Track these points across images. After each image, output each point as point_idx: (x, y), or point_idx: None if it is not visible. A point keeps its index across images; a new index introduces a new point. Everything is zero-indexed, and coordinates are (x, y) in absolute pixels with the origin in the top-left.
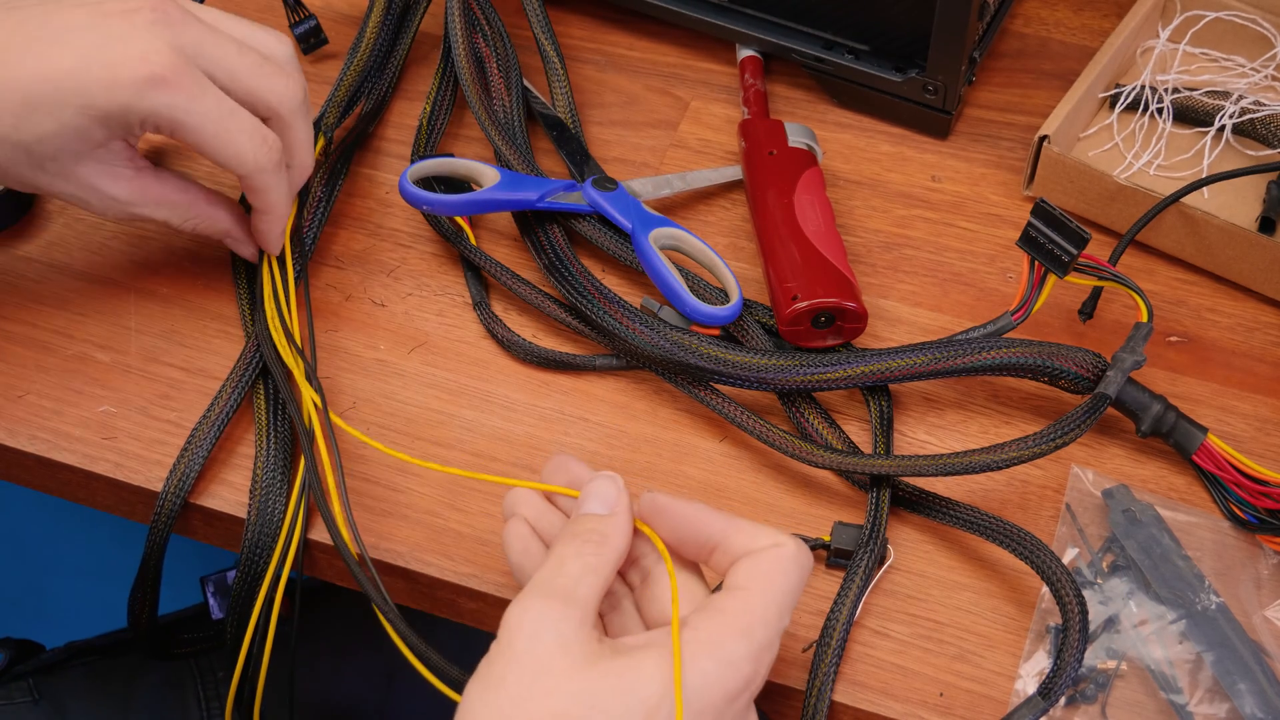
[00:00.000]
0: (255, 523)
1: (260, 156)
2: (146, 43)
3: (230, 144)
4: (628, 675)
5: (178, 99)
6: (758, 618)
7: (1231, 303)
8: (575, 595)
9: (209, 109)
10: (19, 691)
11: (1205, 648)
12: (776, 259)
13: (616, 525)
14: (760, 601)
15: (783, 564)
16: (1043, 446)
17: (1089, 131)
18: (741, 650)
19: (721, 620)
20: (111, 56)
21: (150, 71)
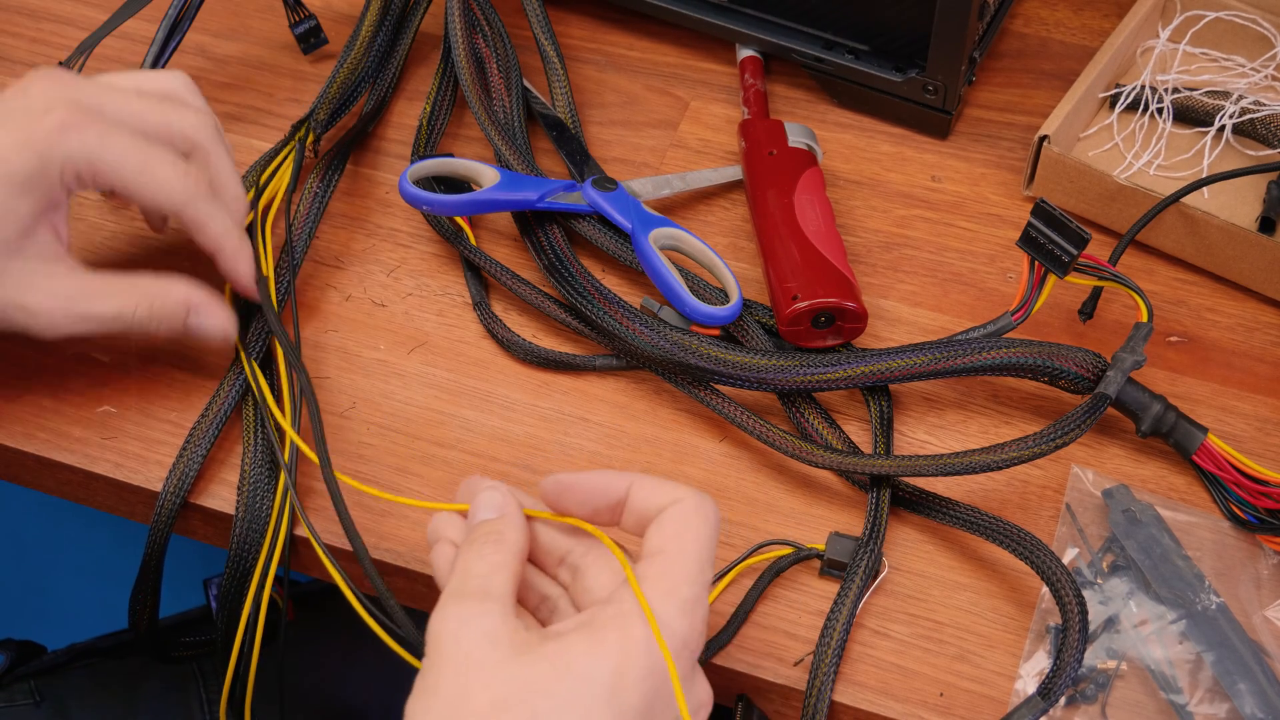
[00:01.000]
0: (243, 520)
1: (188, 184)
2: (46, 102)
3: (154, 176)
4: (561, 656)
5: (88, 138)
6: (679, 577)
7: (1231, 303)
8: (489, 590)
9: (124, 144)
10: (21, 693)
11: (1205, 648)
12: (776, 259)
13: (508, 522)
14: (678, 561)
15: (686, 519)
16: (1043, 446)
17: (1089, 131)
18: (670, 611)
19: (645, 588)
20: (15, 122)
21: (57, 119)
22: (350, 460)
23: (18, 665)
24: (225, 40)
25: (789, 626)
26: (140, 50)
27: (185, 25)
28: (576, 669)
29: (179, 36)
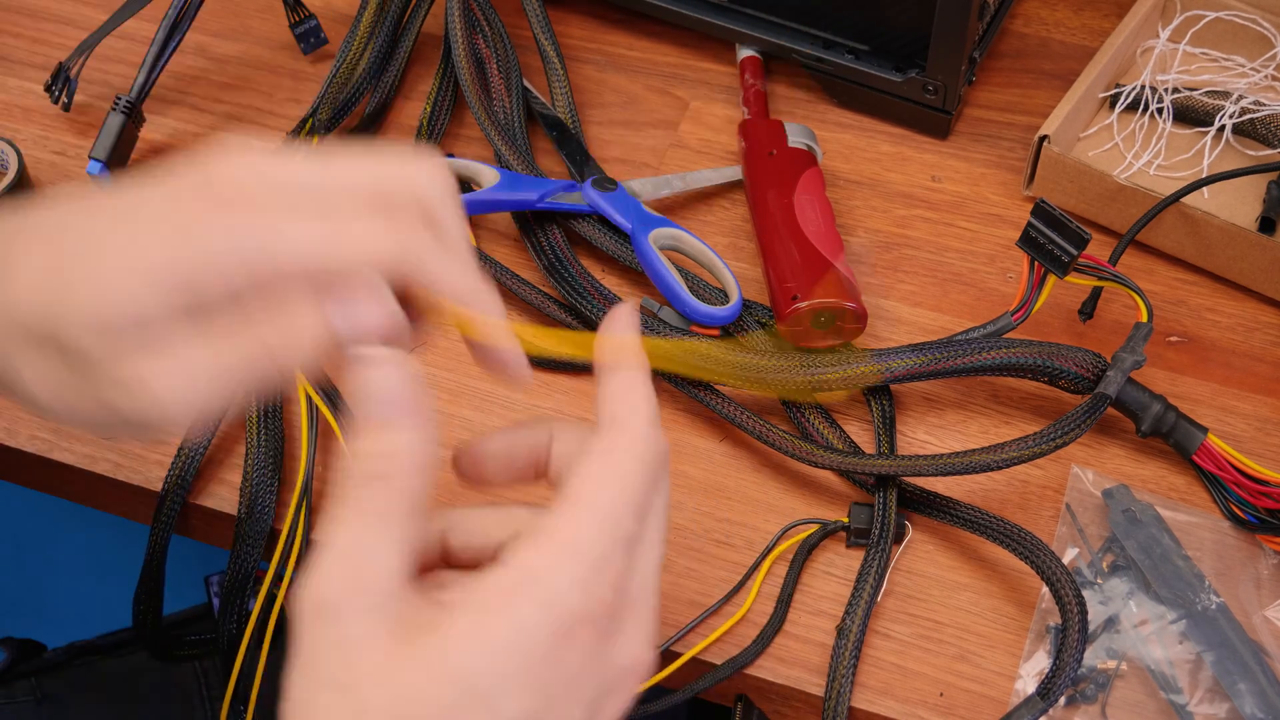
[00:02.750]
0: (245, 519)
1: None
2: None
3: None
4: (437, 652)
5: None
6: (585, 529)
7: (1231, 303)
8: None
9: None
10: (21, 691)
11: (1205, 648)
12: (776, 259)
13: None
14: (588, 508)
15: (609, 458)
16: (1043, 446)
17: (1089, 131)
18: (567, 576)
19: (540, 543)
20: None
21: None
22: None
23: (18, 663)
24: (225, 40)
25: (788, 627)
26: (140, 50)
27: (185, 25)
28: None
29: (179, 36)
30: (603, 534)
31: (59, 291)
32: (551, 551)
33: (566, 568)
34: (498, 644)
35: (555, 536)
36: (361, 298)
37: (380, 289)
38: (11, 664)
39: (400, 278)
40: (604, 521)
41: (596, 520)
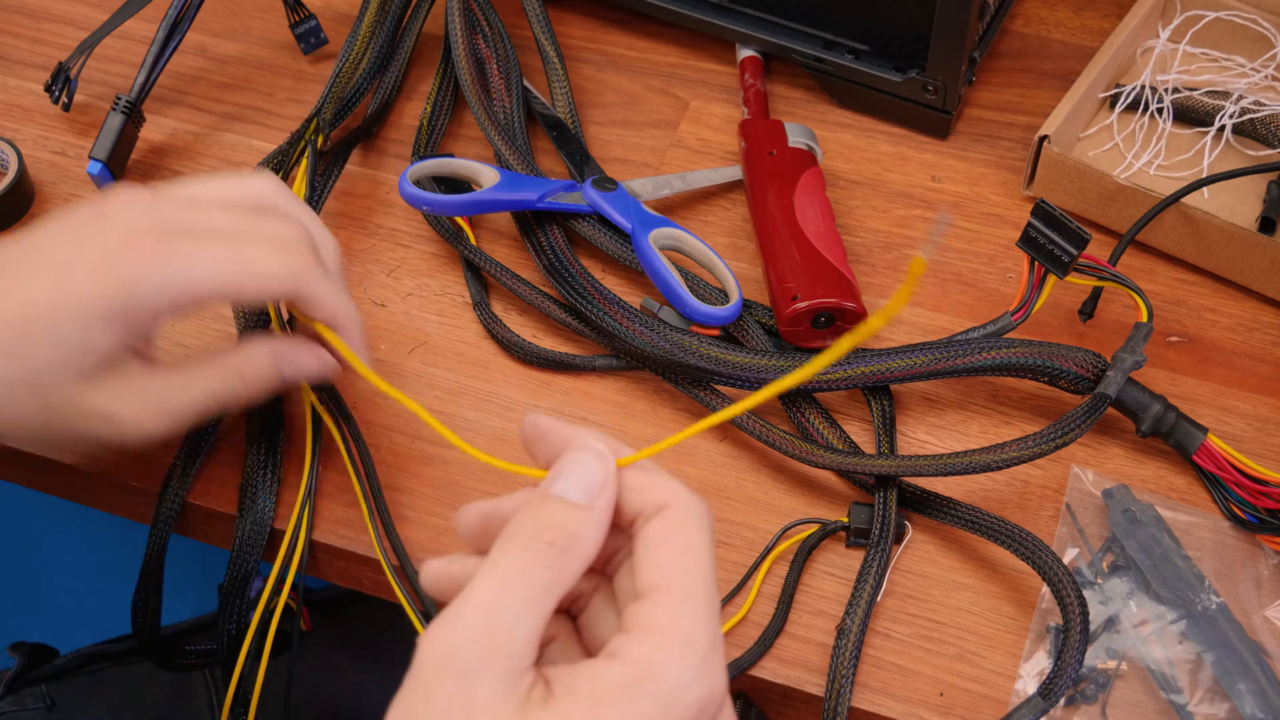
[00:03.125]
0: (245, 521)
1: (292, 261)
2: (126, 230)
3: (254, 268)
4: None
5: (177, 264)
6: (692, 621)
7: (1231, 303)
8: (515, 638)
9: (215, 252)
10: (32, 697)
11: (1205, 648)
12: (776, 259)
13: (590, 525)
14: (687, 600)
15: (684, 538)
16: (1043, 446)
17: (1089, 131)
18: (688, 669)
19: (654, 639)
20: (95, 255)
21: (143, 252)
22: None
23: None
24: (225, 40)
25: (788, 627)
26: (140, 50)
27: (185, 25)
28: None
29: (179, 36)
30: (707, 620)
31: (15, 342)
32: (667, 645)
33: (686, 659)
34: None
35: (665, 629)
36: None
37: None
38: (21, 670)
39: (289, 299)
40: (704, 607)
41: (699, 607)
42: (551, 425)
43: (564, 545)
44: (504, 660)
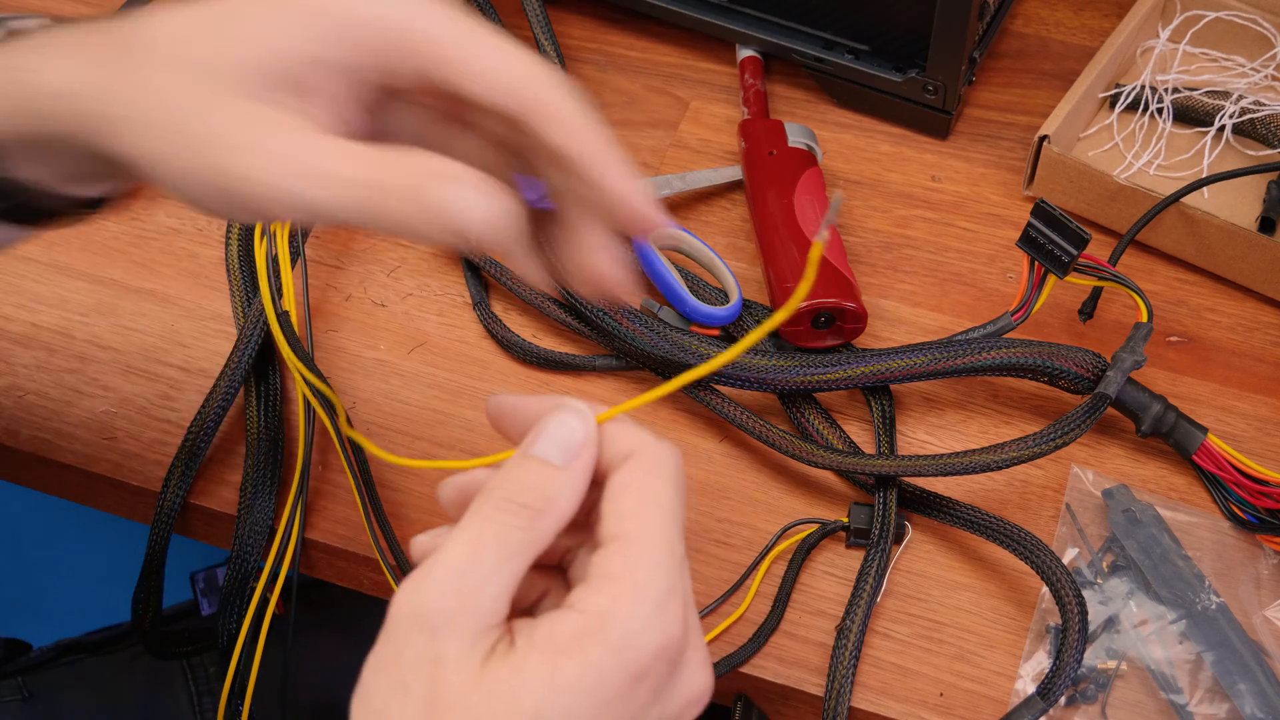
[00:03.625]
0: (244, 521)
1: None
2: None
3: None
4: (511, 687)
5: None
6: (647, 570)
7: (1231, 303)
8: (483, 596)
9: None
10: (8, 690)
11: (1205, 648)
12: (776, 259)
13: (565, 486)
14: (644, 548)
15: (646, 486)
16: (1043, 446)
17: (1089, 131)
18: (641, 615)
19: (606, 588)
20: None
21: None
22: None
23: (4, 662)
24: None
25: (788, 627)
26: None
27: None
28: (521, 700)
29: None
30: (666, 567)
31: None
32: (619, 594)
33: (636, 608)
34: (570, 685)
35: (618, 578)
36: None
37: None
38: None
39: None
40: (661, 555)
41: (655, 555)
42: (517, 400)
43: (538, 507)
44: (472, 618)
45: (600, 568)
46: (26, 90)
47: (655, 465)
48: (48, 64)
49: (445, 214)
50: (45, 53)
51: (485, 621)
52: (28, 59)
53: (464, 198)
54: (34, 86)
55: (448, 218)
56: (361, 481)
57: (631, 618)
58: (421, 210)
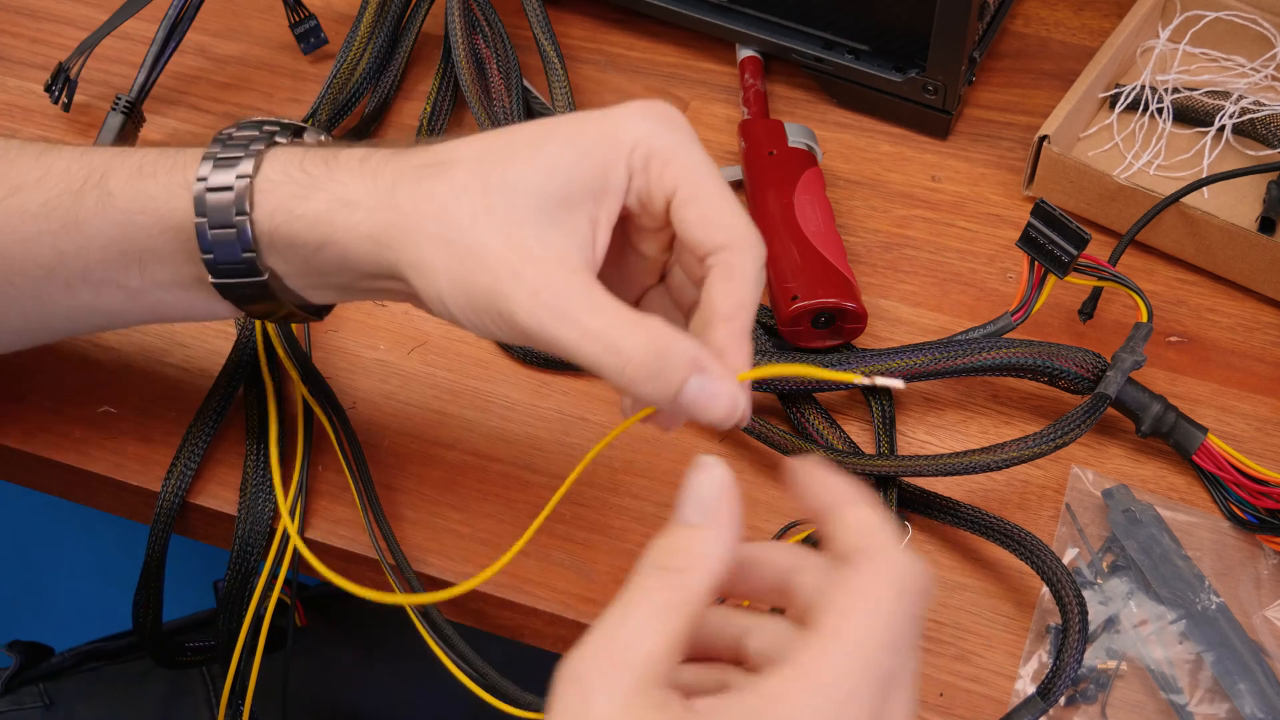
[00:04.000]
0: (245, 521)
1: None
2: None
3: (727, 197)
4: None
5: (681, 136)
6: (836, 664)
7: (1231, 303)
8: (633, 652)
9: (706, 155)
10: (29, 696)
11: (1205, 648)
12: (776, 259)
13: (706, 543)
14: (838, 641)
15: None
16: (1043, 446)
17: (1089, 131)
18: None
19: (787, 673)
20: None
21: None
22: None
23: (25, 668)
24: (225, 40)
25: None
26: (140, 50)
27: (185, 25)
28: None
29: (179, 37)
30: (852, 670)
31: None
32: (797, 683)
33: (809, 701)
34: None
35: (804, 668)
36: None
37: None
38: (19, 669)
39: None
40: (855, 656)
41: (847, 654)
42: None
43: (680, 567)
44: (622, 673)
45: (792, 656)
46: (328, 196)
47: (888, 572)
48: (342, 178)
49: (684, 397)
50: (338, 167)
51: (637, 678)
52: (326, 170)
53: (707, 390)
54: (334, 194)
55: (685, 401)
56: (361, 482)
57: (803, 708)
58: (660, 386)
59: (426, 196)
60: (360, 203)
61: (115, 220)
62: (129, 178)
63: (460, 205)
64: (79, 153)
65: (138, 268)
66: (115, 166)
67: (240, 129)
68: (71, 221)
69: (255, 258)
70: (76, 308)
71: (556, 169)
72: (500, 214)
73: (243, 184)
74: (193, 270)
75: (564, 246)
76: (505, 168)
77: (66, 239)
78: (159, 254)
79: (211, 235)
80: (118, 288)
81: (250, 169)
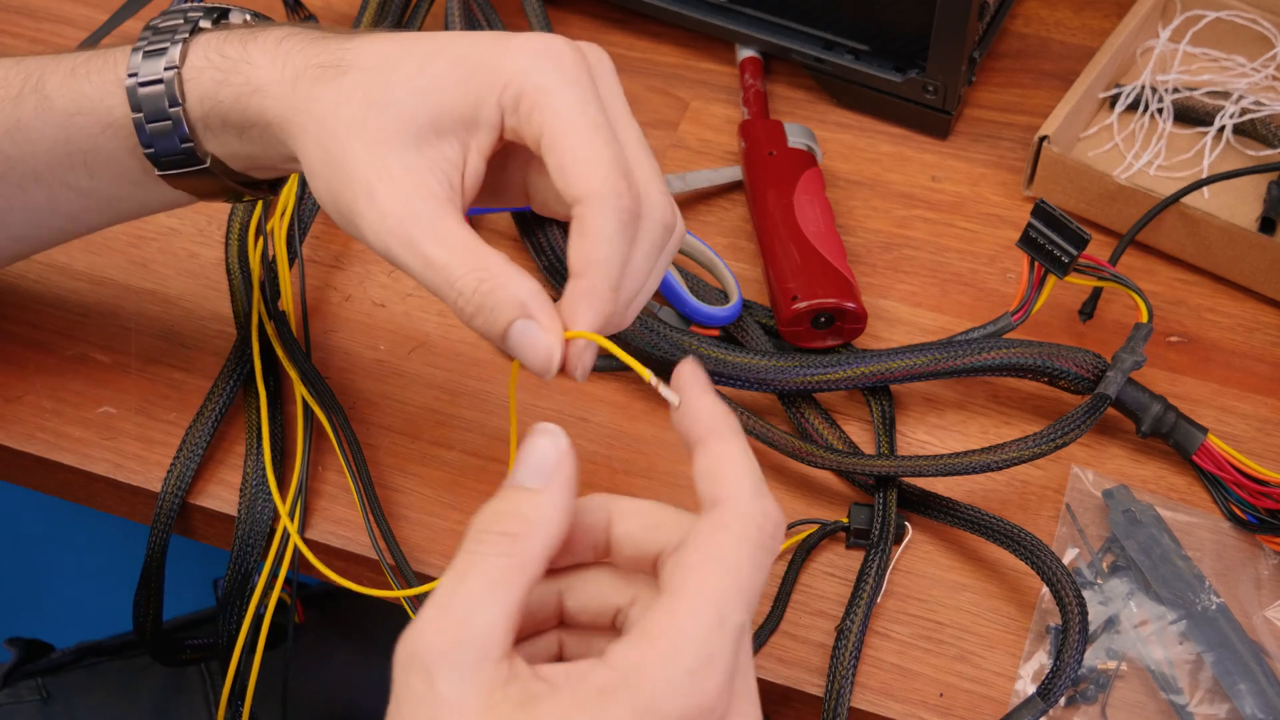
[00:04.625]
0: (245, 521)
1: (614, 180)
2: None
3: (591, 146)
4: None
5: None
6: (692, 628)
7: (1231, 303)
8: (472, 627)
9: (590, 100)
10: (28, 691)
11: (1205, 648)
12: (776, 259)
13: (541, 507)
14: (691, 603)
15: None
16: (1043, 447)
17: (1089, 131)
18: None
19: (639, 643)
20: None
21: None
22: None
23: (24, 663)
24: None
25: (788, 627)
26: None
27: None
28: None
29: None
30: (709, 632)
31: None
32: (651, 652)
33: (666, 671)
34: None
35: (655, 637)
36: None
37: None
38: (18, 664)
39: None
40: (709, 618)
41: (701, 617)
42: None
43: (515, 532)
44: (464, 651)
45: (643, 622)
46: (241, 80)
47: (733, 523)
48: (257, 61)
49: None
50: (254, 49)
51: (480, 654)
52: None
53: (529, 337)
54: (246, 79)
55: (510, 344)
56: (361, 482)
57: (658, 680)
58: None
59: (315, 98)
60: (268, 89)
61: (55, 123)
62: (64, 79)
63: (339, 114)
64: (14, 61)
65: (85, 168)
66: (50, 70)
67: (165, 17)
68: (14, 126)
69: (194, 146)
70: (34, 209)
71: (433, 90)
72: (371, 129)
73: (171, 74)
74: (138, 164)
75: (426, 171)
76: (389, 81)
77: (10, 143)
78: (102, 153)
79: (149, 129)
80: (68, 188)
81: (177, 57)
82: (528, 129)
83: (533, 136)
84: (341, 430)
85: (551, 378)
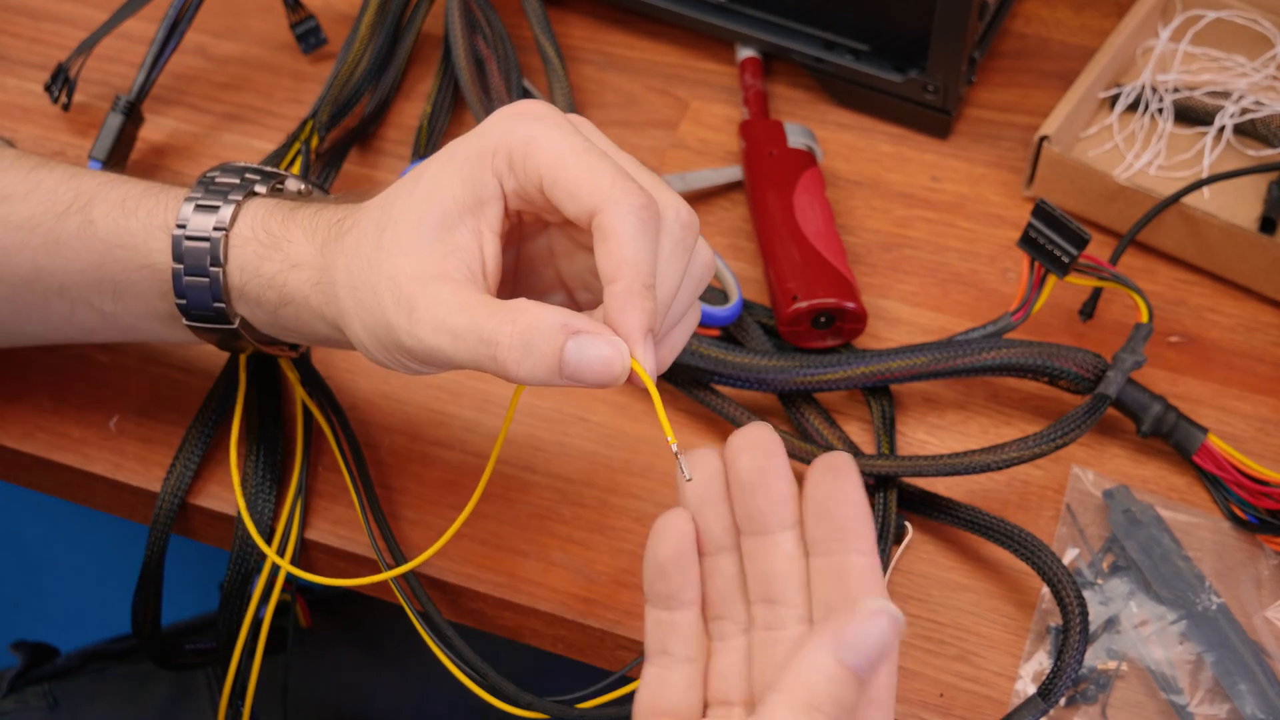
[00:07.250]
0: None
1: (621, 182)
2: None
3: (589, 164)
4: None
5: (537, 125)
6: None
7: (1231, 303)
8: None
9: (575, 134)
10: (34, 696)
11: (1206, 648)
12: (776, 259)
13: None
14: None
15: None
16: (1043, 447)
17: (1089, 131)
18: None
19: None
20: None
21: (518, 108)
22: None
23: (30, 668)
24: (225, 40)
25: None
26: (140, 50)
27: (185, 25)
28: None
29: (178, 36)
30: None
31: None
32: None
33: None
34: None
35: None
36: (597, 341)
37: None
38: (24, 669)
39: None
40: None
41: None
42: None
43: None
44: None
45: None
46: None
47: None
48: (295, 238)
49: (567, 365)
50: (294, 226)
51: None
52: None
53: (586, 351)
54: (286, 255)
55: (571, 369)
56: (361, 482)
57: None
58: (538, 360)
59: (339, 250)
60: (305, 263)
61: (94, 248)
62: (111, 209)
63: (360, 251)
64: (69, 174)
65: (112, 295)
66: (101, 196)
67: (223, 173)
68: (52, 240)
69: (225, 307)
70: (52, 318)
71: (431, 194)
72: (388, 249)
73: (219, 235)
74: (166, 307)
75: (443, 264)
76: (393, 206)
77: (46, 255)
78: (134, 288)
79: (186, 281)
80: (92, 309)
81: (227, 219)
82: (527, 180)
83: (534, 185)
84: (341, 430)
85: (624, 381)
